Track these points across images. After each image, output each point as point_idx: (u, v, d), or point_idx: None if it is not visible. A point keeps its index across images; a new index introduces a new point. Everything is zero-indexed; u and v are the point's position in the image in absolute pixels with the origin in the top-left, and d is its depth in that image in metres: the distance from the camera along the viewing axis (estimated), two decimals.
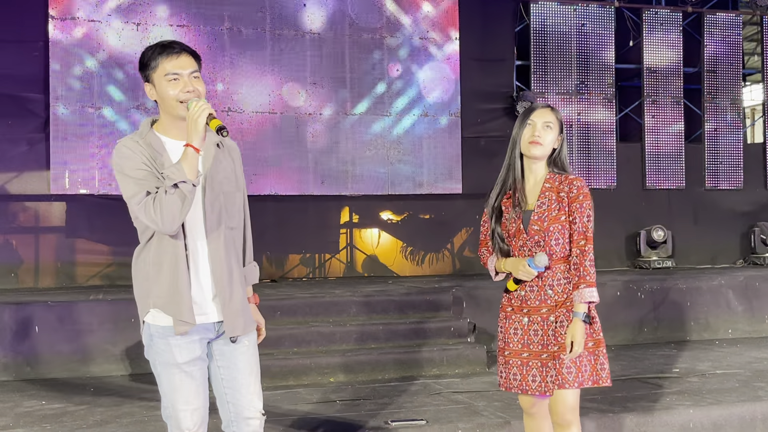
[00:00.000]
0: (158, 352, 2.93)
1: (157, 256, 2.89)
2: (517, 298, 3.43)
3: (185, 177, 2.76)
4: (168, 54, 2.90)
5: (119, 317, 6.70)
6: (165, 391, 2.94)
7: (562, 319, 3.34)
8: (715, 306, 8.16)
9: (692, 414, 5.02)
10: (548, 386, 3.33)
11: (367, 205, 10.05)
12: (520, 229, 3.41)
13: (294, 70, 9.61)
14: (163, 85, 2.90)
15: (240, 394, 3.01)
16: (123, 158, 2.85)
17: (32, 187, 8.92)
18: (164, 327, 2.89)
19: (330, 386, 5.96)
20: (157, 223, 2.78)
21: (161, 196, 2.76)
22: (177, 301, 2.86)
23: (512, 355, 3.41)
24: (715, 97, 11.07)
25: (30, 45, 8.85)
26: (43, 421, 4.98)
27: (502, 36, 10.41)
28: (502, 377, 3.47)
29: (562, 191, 3.40)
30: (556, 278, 3.38)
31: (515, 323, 3.42)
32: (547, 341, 3.35)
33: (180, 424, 2.92)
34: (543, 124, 3.40)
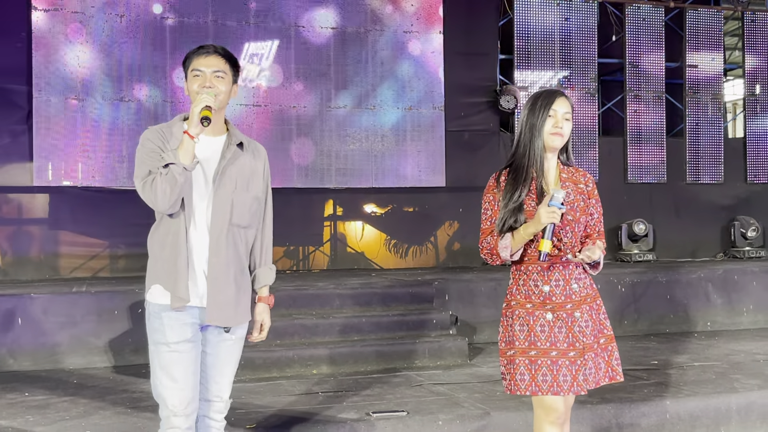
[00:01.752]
0: (152, 329, 3.11)
1: (163, 235, 3.12)
2: (538, 294, 3.25)
3: (176, 160, 2.96)
4: (199, 54, 3.18)
5: (102, 309, 6.73)
6: (155, 369, 3.10)
7: (586, 317, 3.27)
8: (694, 299, 8.27)
9: (669, 405, 5.10)
10: (580, 385, 3.21)
11: (351, 198, 10.08)
12: None
13: (278, 63, 9.62)
14: (189, 80, 3.18)
15: (212, 380, 3.21)
16: (141, 144, 3.11)
17: (15, 179, 8.88)
18: (161, 305, 3.08)
19: (313, 378, 6.01)
20: (151, 201, 3.01)
21: (156, 177, 2.98)
22: (175, 278, 3.06)
23: (540, 354, 3.21)
24: (697, 92, 11.17)
25: (12, 36, 8.79)
26: (26, 413, 5.00)
27: (485, 30, 10.45)
28: (524, 380, 3.23)
29: (580, 183, 3.36)
30: (578, 272, 3.31)
31: (540, 319, 3.24)
32: (574, 338, 3.23)
33: (166, 402, 3.06)
34: (563, 114, 3.29)
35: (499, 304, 7.75)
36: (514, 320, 3.27)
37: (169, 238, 3.08)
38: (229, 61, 3.19)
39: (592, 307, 3.30)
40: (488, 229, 3.34)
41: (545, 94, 3.33)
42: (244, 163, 3.21)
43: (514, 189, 3.28)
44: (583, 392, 3.22)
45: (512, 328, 3.27)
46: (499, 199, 3.31)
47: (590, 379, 3.25)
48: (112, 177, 9.02)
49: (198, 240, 3.10)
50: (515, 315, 3.28)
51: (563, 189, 3.25)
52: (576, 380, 3.20)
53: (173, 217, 3.08)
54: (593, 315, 3.30)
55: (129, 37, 9.10)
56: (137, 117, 9.11)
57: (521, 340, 3.24)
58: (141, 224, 9.24)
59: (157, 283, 3.09)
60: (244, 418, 4.73)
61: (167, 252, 3.08)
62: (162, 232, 3.11)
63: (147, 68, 9.16)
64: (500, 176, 3.36)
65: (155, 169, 2.99)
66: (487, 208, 3.37)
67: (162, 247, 3.10)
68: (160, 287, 3.08)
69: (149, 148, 3.07)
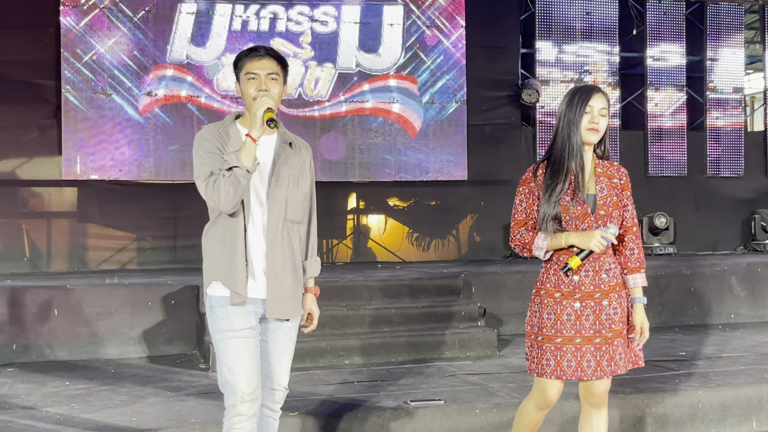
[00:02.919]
0: (216, 319, 3.19)
1: (222, 233, 3.20)
2: (568, 284, 3.38)
3: (240, 163, 3.04)
4: (251, 56, 3.24)
5: (136, 301, 6.83)
6: (221, 357, 3.17)
7: (614, 305, 3.39)
8: (718, 291, 8.31)
9: (701, 395, 5.17)
10: (604, 370, 3.35)
11: (374, 192, 10.17)
12: (587, 213, 3.37)
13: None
14: (244, 83, 3.24)
15: (272, 368, 3.31)
16: (202, 141, 3.19)
17: (44, 172, 9.02)
18: (223, 297, 3.18)
19: (346, 368, 6.10)
20: (214, 202, 3.10)
21: (219, 179, 3.06)
22: (233, 276, 3.15)
23: (565, 341, 3.36)
24: (717, 86, 11.20)
25: (41, 32, 8.93)
26: (70, 401, 5.11)
27: (507, 24, 10.51)
28: (550, 365, 3.38)
29: (614, 177, 3.45)
30: (608, 263, 3.41)
31: (567, 308, 3.37)
32: (600, 326, 3.36)
33: (236, 388, 3.13)
34: (599, 110, 3.38)
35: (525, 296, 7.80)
36: (543, 308, 3.41)
37: (228, 236, 3.17)
38: (280, 63, 3.27)
39: (620, 295, 3.42)
40: (522, 221, 3.44)
41: (582, 90, 3.41)
42: (294, 161, 3.32)
43: (555, 183, 3.37)
44: (606, 377, 3.37)
45: (540, 315, 3.42)
46: (535, 192, 3.41)
47: (620, 365, 3.39)
48: (138, 170, 9.14)
49: (256, 237, 3.19)
50: (544, 303, 3.42)
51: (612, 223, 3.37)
52: (600, 365, 3.35)
53: (232, 216, 3.16)
54: (622, 303, 3.42)
55: (156, 32, 9.20)
56: (164, 111, 9.21)
57: (548, 327, 3.39)
58: (167, 217, 9.48)
59: (217, 280, 3.18)
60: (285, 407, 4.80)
61: (226, 250, 3.17)
62: (220, 230, 3.19)
63: (173, 63, 9.25)
64: (537, 169, 3.45)
65: (217, 170, 3.08)
66: (522, 200, 3.46)
67: (221, 244, 3.18)
68: (220, 284, 3.17)
69: (208, 148, 3.15)
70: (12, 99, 8.81)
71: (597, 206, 3.37)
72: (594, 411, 3.51)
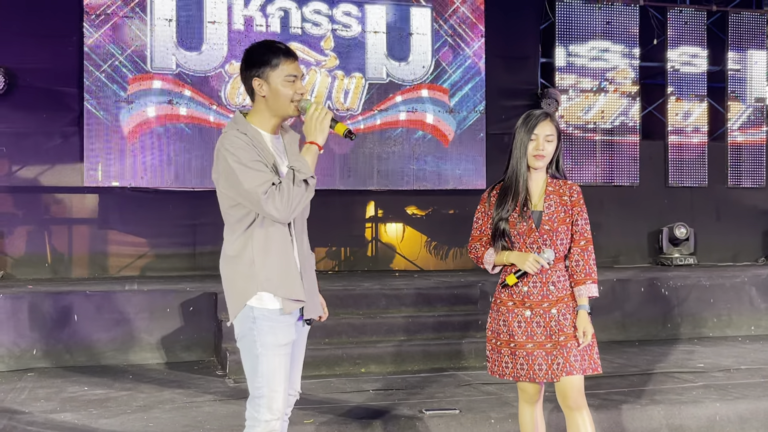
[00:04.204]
0: (262, 333, 3.04)
1: (265, 242, 3.05)
2: (518, 294, 3.63)
3: (312, 172, 3.02)
4: (288, 57, 3.14)
5: (155, 307, 6.89)
6: (262, 372, 3.04)
7: (563, 312, 3.61)
8: (738, 303, 8.25)
9: (719, 407, 5.13)
10: (555, 373, 3.56)
11: (392, 200, 10.19)
12: (532, 228, 3.61)
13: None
14: (281, 84, 3.11)
15: (292, 372, 3.22)
16: (240, 149, 3.00)
17: (65, 179, 9.11)
18: (271, 310, 3.05)
19: (362, 377, 6.11)
20: (279, 211, 2.96)
21: (288, 187, 2.96)
22: (290, 283, 3.08)
23: (518, 346, 3.61)
24: (739, 96, 11.13)
25: (65, 40, 9.03)
26: (88, 406, 5.16)
27: (527, 33, 10.51)
28: (508, 367, 3.66)
29: (564, 195, 3.68)
30: (556, 275, 3.63)
31: (518, 316, 3.62)
32: (551, 332, 3.58)
33: (272, 404, 3.04)
34: (545, 137, 3.61)
35: None
36: (499, 315, 3.68)
37: (275, 244, 3.05)
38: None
39: (568, 305, 3.63)
40: (477, 236, 3.77)
41: (529, 117, 3.68)
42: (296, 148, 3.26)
43: (503, 203, 3.66)
44: (557, 380, 3.56)
45: (497, 322, 3.69)
46: (488, 211, 3.72)
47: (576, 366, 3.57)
48: (159, 178, 9.21)
49: (296, 240, 3.14)
50: (499, 311, 3.69)
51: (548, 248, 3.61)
52: (551, 368, 3.57)
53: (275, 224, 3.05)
54: (571, 310, 3.63)
55: (178, 42, 9.28)
56: (185, 119, 9.28)
57: (504, 333, 3.66)
58: (187, 224, 9.53)
59: (266, 291, 3.04)
60: (300, 414, 4.84)
61: (276, 259, 3.05)
62: (263, 239, 3.05)
63: (195, 71, 9.32)
64: (492, 191, 3.76)
65: (276, 179, 2.96)
66: (478, 218, 3.78)
67: (267, 253, 3.04)
68: (270, 295, 3.05)
69: (252, 158, 2.99)
70: (35, 107, 8.92)
71: (542, 222, 3.61)
72: (575, 413, 3.60)
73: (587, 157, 10.57)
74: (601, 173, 10.53)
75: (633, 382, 5.76)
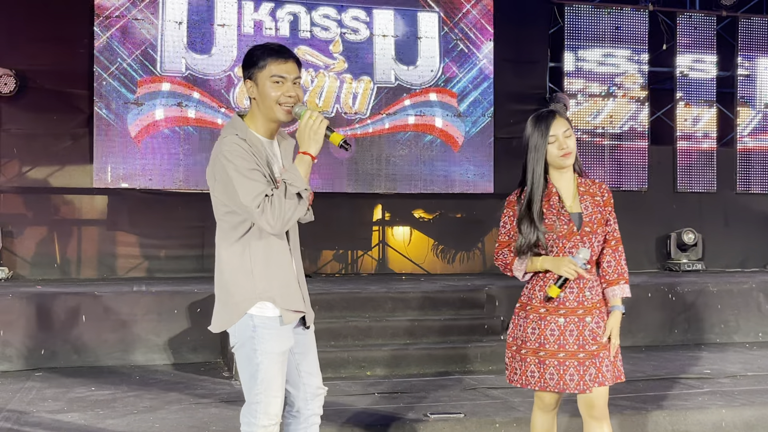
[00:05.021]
0: (262, 340, 3.02)
1: (264, 252, 3.01)
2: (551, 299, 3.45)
3: (306, 185, 2.92)
4: (277, 57, 3.01)
5: (162, 308, 6.92)
6: (262, 378, 3.03)
7: (597, 320, 3.46)
8: (745, 309, 8.22)
9: (724, 414, 5.12)
10: (587, 384, 3.41)
11: (400, 204, 10.21)
12: (573, 231, 3.45)
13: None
14: (267, 85, 3.00)
15: (313, 376, 3.23)
16: (238, 157, 2.92)
17: (75, 180, 9.18)
18: (271, 318, 3.03)
19: (367, 379, 6.12)
20: (271, 225, 2.89)
21: (280, 200, 2.87)
22: (290, 294, 3.06)
23: (548, 355, 3.43)
24: (748, 101, 11.10)
25: (76, 43, 9.09)
26: (95, 407, 5.19)
27: (536, 38, 10.52)
28: (534, 377, 3.47)
29: (597, 195, 3.53)
30: (591, 280, 3.48)
31: (551, 324, 3.43)
32: (584, 341, 3.42)
33: (269, 410, 3.04)
34: (563, 134, 3.45)
35: None
36: (528, 323, 3.47)
37: (273, 254, 3.02)
38: (300, 67, 3.09)
39: (602, 311, 3.48)
40: (505, 242, 3.57)
41: (540, 119, 3.49)
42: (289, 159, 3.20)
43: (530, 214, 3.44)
44: (588, 390, 3.41)
45: (524, 329, 3.48)
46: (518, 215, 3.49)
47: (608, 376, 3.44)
48: (168, 180, 9.25)
49: (292, 248, 3.11)
50: (529, 318, 3.47)
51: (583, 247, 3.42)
52: (583, 379, 3.40)
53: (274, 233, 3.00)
54: (605, 317, 3.49)
55: (187, 44, 9.33)
56: (195, 122, 9.33)
57: (532, 341, 3.45)
58: (195, 226, 9.57)
59: (265, 301, 3.01)
60: None
61: (275, 270, 3.02)
62: (262, 250, 3.01)
63: (205, 74, 9.37)
64: (521, 194, 3.53)
65: (269, 190, 2.89)
66: (506, 222, 3.58)
67: (267, 264, 3.01)
68: (270, 304, 3.01)
69: (250, 167, 2.92)
70: (46, 108, 8.98)
71: (583, 223, 3.46)
72: (595, 423, 3.51)
73: (595, 161, 10.56)
74: (610, 178, 10.53)
75: (638, 388, 5.75)
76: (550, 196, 3.49)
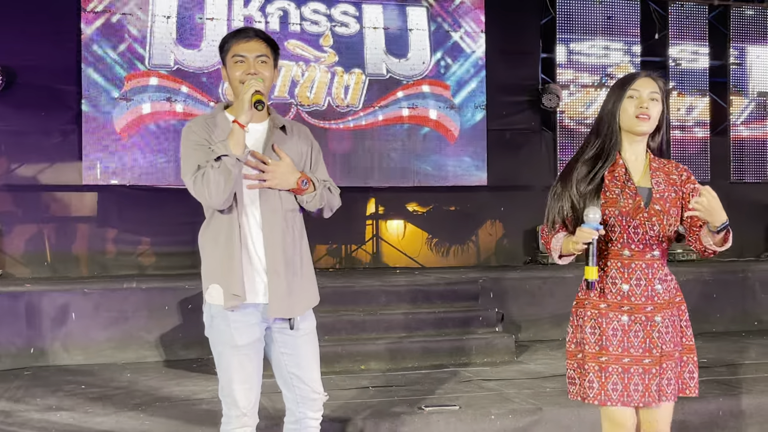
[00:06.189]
0: (219, 332, 3.02)
1: (215, 232, 3.01)
2: (615, 293, 2.94)
3: (229, 151, 2.85)
4: (238, 38, 3.05)
5: (153, 305, 6.85)
6: (223, 370, 3.03)
7: (668, 321, 2.94)
8: (741, 298, 8.19)
9: (721, 403, 5.08)
10: (652, 396, 2.88)
11: (393, 197, 10.13)
12: (640, 207, 2.93)
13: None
14: (231, 66, 3.05)
15: (306, 380, 3.15)
16: (185, 136, 3.01)
17: (64, 177, 9.07)
18: (220, 306, 3.00)
19: (362, 374, 6.06)
20: (204, 197, 2.91)
21: (208, 171, 2.86)
22: (228, 274, 2.96)
23: (611, 361, 2.90)
24: (741, 90, 11.06)
25: (63, 38, 8.96)
26: (85, 405, 5.11)
27: (527, 29, 10.44)
28: (593, 387, 2.92)
29: (672, 174, 3.01)
30: (664, 272, 2.99)
31: (613, 323, 2.92)
32: (651, 344, 2.91)
33: (237, 402, 3.02)
34: (649, 94, 2.95)
35: (544, 302, 7.80)
36: (586, 321, 2.97)
37: (222, 235, 2.97)
38: (270, 45, 3.08)
39: (674, 312, 2.97)
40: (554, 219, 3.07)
41: (627, 76, 3.06)
42: (290, 146, 3.10)
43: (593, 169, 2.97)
44: (654, 403, 2.91)
45: (582, 329, 2.98)
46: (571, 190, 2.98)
47: (668, 391, 2.93)
48: (158, 175, 9.16)
49: (252, 232, 2.99)
50: (587, 315, 2.98)
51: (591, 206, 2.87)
52: (648, 390, 2.89)
53: (225, 212, 2.96)
54: (675, 321, 2.97)
55: (176, 39, 9.24)
56: (184, 116, 9.24)
57: (591, 343, 2.95)
58: (187, 222, 9.46)
59: (214, 283, 2.98)
60: None
61: (221, 250, 2.97)
62: (214, 229, 3.00)
63: (194, 68, 9.28)
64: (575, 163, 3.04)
65: (204, 163, 2.88)
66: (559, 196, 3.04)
67: (215, 244, 2.98)
68: (218, 286, 2.97)
69: (195, 141, 2.96)
70: (34, 105, 8.85)
71: (652, 200, 2.93)
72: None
73: None
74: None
75: None
76: (616, 168, 2.98)
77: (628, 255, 2.96)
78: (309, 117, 9.59)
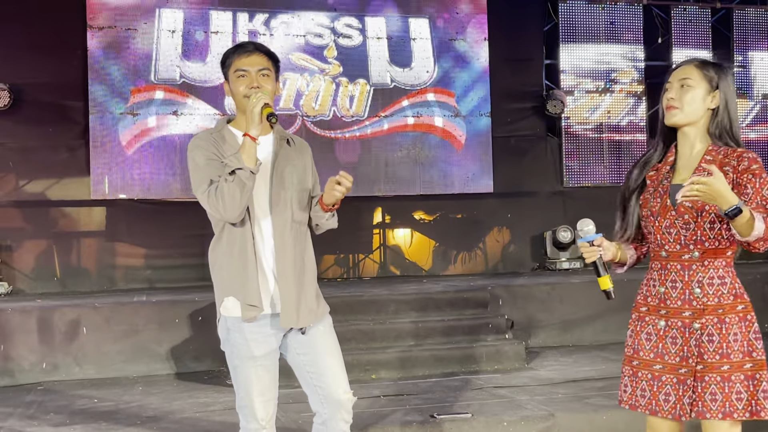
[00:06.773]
0: (235, 345, 3.03)
1: (229, 245, 3.03)
2: (655, 295, 2.81)
3: (242, 164, 2.88)
4: (240, 53, 3.09)
5: (163, 318, 6.88)
6: (241, 382, 3.04)
7: (711, 331, 2.69)
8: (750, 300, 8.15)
9: None
10: (684, 408, 2.68)
11: (399, 206, 10.15)
12: (667, 206, 2.77)
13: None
14: (233, 81, 3.08)
15: (326, 377, 3.12)
16: (193, 151, 3.03)
17: (72, 192, 9.11)
18: (238, 318, 3.01)
19: (373, 382, 6.08)
20: (219, 211, 2.92)
21: (222, 185, 2.88)
22: (244, 285, 2.99)
23: (642, 366, 2.80)
24: (745, 93, 11.06)
25: (69, 54, 9.02)
26: (98, 419, 5.14)
27: (530, 35, 10.48)
28: (626, 391, 2.86)
29: (727, 165, 2.75)
30: (708, 275, 2.73)
31: (648, 326, 2.81)
32: (688, 353, 2.70)
33: (256, 414, 3.03)
34: (679, 83, 2.80)
35: (553, 308, 7.78)
36: (630, 324, 2.90)
37: (236, 247, 3.00)
38: (271, 59, 3.12)
39: (723, 320, 2.70)
40: None
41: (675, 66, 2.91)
42: (296, 160, 3.17)
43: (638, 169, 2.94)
44: (686, 418, 2.70)
45: (636, 337, 2.87)
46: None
47: (713, 408, 2.64)
48: (166, 189, 9.20)
49: (264, 244, 3.02)
50: (632, 318, 2.91)
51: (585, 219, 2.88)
52: (681, 402, 2.69)
53: (237, 225, 2.98)
54: (723, 330, 2.70)
55: (181, 53, 9.29)
56: (190, 130, 9.28)
57: (629, 346, 2.88)
58: (195, 235, 9.53)
59: (229, 296, 3.01)
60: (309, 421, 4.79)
61: (236, 262, 2.99)
62: (227, 243, 3.02)
63: (200, 82, 9.33)
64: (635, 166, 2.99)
65: (216, 177, 2.91)
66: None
67: (230, 257, 3.00)
68: (233, 299, 3.00)
69: (204, 155, 2.99)
70: (42, 121, 8.92)
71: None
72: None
73: (594, 157, 10.52)
74: (609, 174, 10.48)
75: None
76: (664, 165, 2.86)
77: (665, 256, 2.82)
78: (314, 127, 9.63)
